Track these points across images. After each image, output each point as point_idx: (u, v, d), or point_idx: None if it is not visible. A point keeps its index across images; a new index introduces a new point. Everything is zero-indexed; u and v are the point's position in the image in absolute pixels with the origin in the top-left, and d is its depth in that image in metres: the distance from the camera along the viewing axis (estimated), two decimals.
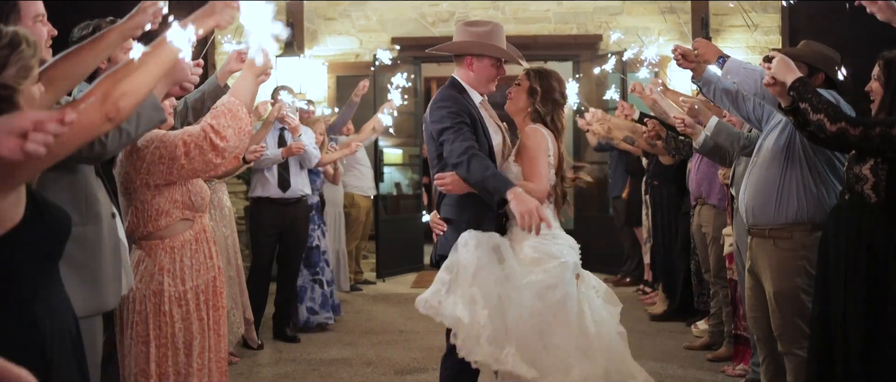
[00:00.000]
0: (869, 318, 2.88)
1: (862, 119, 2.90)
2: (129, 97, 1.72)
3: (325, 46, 8.64)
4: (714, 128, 4.16)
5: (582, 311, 3.14)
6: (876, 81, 3.02)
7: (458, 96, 3.32)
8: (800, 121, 2.96)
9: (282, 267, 5.75)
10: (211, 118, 2.66)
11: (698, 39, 3.67)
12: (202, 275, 2.90)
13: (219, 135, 2.64)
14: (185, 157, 2.66)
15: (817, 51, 3.64)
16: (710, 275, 5.19)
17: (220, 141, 2.64)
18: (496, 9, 8.65)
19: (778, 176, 3.39)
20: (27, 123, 1.39)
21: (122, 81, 1.71)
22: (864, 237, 2.91)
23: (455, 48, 3.46)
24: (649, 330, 5.97)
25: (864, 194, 2.93)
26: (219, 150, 2.65)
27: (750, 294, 3.70)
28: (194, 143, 2.65)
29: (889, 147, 2.82)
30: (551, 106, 3.34)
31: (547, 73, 3.39)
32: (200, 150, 2.65)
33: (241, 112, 2.69)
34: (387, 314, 6.67)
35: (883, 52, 3.02)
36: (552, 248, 3.16)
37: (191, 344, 2.83)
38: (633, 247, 7.80)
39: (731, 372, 4.75)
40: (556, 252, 3.15)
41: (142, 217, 2.81)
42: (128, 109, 1.73)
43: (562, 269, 3.11)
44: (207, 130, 2.64)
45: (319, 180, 6.19)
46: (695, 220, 5.24)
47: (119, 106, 1.69)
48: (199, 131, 2.65)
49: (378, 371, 5.00)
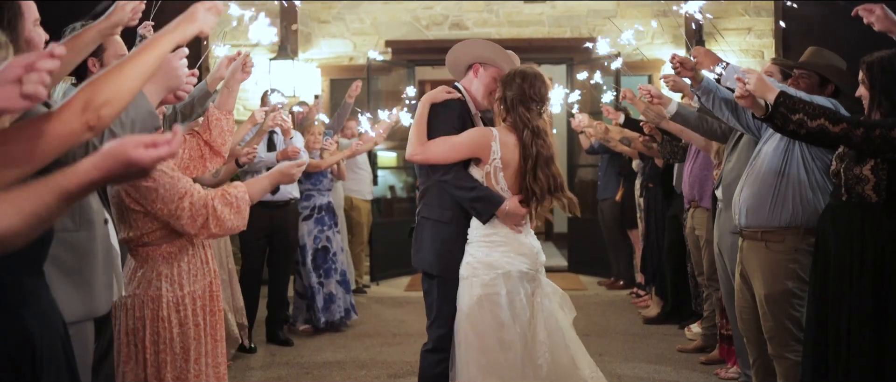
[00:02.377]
0: (878, 317, 2.89)
1: (863, 120, 2.92)
2: (111, 106, 1.69)
3: (319, 49, 8.63)
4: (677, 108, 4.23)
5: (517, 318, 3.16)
6: (862, 85, 3.05)
7: (450, 104, 3.35)
8: (778, 125, 3.00)
9: (272, 270, 5.74)
10: (220, 202, 2.73)
11: (697, 47, 3.68)
12: (199, 280, 2.90)
13: (217, 221, 2.72)
14: (180, 211, 2.68)
15: (827, 60, 3.65)
16: (703, 278, 5.20)
17: (215, 227, 2.73)
18: (490, 12, 8.65)
19: (775, 180, 3.40)
20: (18, 69, 1.38)
21: (103, 88, 1.69)
22: (867, 237, 2.93)
23: (468, 51, 3.47)
24: (643, 333, 5.98)
25: (865, 195, 2.96)
26: (210, 232, 2.74)
27: (739, 297, 3.71)
28: (194, 211, 2.68)
29: (890, 147, 2.85)
30: (510, 106, 3.25)
31: (511, 73, 3.30)
32: (194, 220, 2.69)
33: (246, 210, 2.82)
34: (380, 317, 6.66)
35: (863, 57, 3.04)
36: (490, 257, 3.18)
37: (188, 350, 2.82)
38: (622, 250, 7.79)
39: (724, 375, 4.76)
40: (493, 262, 3.17)
41: (135, 232, 2.80)
42: (109, 117, 1.70)
43: (501, 279, 3.15)
44: (210, 210, 2.70)
45: (327, 179, 6.16)
46: (688, 223, 5.24)
47: (100, 114, 1.66)
48: (202, 205, 2.69)
49: (371, 373, 4.99)
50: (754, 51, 8.46)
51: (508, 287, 3.14)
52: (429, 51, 8.66)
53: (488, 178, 3.20)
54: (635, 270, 7.56)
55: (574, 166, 9.03)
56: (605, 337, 5.87)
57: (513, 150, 3.21)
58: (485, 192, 3.18)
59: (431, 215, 3.36)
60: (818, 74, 3.62)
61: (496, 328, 3.12)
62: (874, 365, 2.90)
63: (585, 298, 7.46)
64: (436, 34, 8.64)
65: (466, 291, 3.16)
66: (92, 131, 1.66)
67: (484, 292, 3.13)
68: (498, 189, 3.20)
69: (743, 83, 3.04)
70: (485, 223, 3.19)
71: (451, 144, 3.22)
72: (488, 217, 3.18)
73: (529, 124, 3.21)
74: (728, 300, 4.25)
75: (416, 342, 5.68)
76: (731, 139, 4.11)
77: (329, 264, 6.00)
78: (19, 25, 2.09)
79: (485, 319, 3.12)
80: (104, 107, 1.67)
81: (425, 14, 8.68)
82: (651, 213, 6.41)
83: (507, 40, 8.44)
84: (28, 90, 1.39)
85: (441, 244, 3.32)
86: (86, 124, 1.64)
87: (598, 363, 5.13)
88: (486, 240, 3.19)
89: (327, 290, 5.98)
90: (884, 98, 2.96)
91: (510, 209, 3.17)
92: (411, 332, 5.94)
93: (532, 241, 3.28)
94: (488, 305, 3.12)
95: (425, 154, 3.24)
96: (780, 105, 2.95)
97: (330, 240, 6.01)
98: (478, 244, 3.21)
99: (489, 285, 3.13)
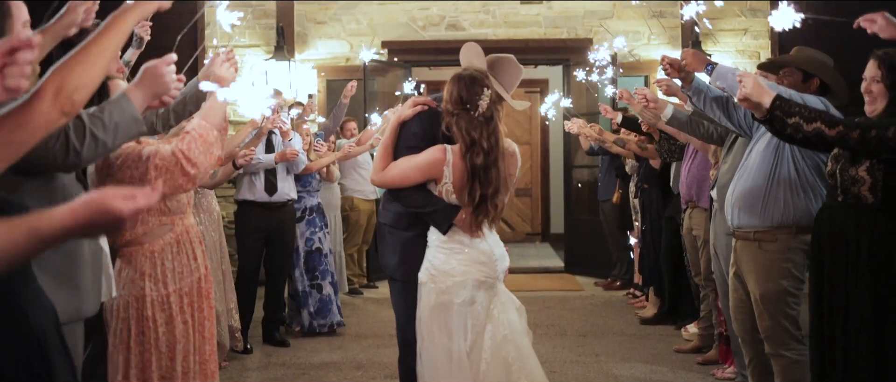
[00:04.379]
0: (877, 317, 2.90)
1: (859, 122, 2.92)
2: (82, 90, 1.70)
3: (316, 50, 8.63)
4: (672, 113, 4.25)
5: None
6: (877, 82, 2.97)
7: (426, 115, 3.29)
8: (776, 128, 2.99)
9: (269, 271, 5.73)
10: (182, 143, 2.64)
11: (686, 49, 3.69)
12: (186, 278, 2.89)
13: (189, 161, 2.63)
14: (154, 180, 2.63)
15: (811, 56, 3.66)
16: (700, 278, 5.20)
17: (190, 168, 2.63)
18: (487, 12, 8.65)
19: (766, 180, 3.41)
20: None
21: (72, 74, 1.69)
22: (863, 238, 2.94)
23: (462, 56, 3.36)
24: (639, 334, 5.98)
25: (861, 196, 2.96)
26: (189, 176, 2.65)
27: (734, 297, 3.71)
28: (165, 167, 2.62)
29: (885, 148, 2.84)
30: (449, 117, 3.12)
31: (451, 78, 3.15)
32: (170, 175, 2.63)
33: (212, 136, 2.69)
34: (377, 318, 6.65)
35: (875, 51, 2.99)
36: (447, 265, 3.11)
37: (174, 348, 2.82)
38: (622, 251, 7.81)
39: (721, 375, 4.77)
40: (450, 270, 3.10)
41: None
42: (82, 101, 1.71)
43: (456, 287, 3.08)
44: (178, 155, 2.62)
45: (315, 181, 6.16)
46: (686, 223, 5.25)
47: (73, 99, 1.67)
48: (169, 155, 2.63)
49: (368, 374, 4.99)
50: (750, 52, 8.47)
51: (463, 296, 3.06)
52: (425, 51, 8.66)
53: (441, 194, 3.12)
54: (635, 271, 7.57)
55: (571, 168, 9.04)
56: (601, 338, 5.87)
57: (461, 172, 3.10)
58: (440, 204, 3.12)
59: (388, 221, 3.34)
60: (801, 71, 3.63)
61: (446, 337, 3.07)
62: (876, 367, 2.90)
63: (582, 299, 7.47)
64: (432, 35, 8.64)
65: (424, 297, 3.12)
66: (67, 117, 1.68)
67: (438, 300, 3.08)
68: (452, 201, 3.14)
69: (744, 86, 3.04)
70: (444, 234, 3.13)
71: (405, 170, 3.14)
72: (447, 228, 3.12)
73: (466, 136, 3.07)
74: (725, 300, 4.25)
75: None
76: (728, 141, 4.12)
77: (324, 266, 6.00)
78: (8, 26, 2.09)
79: (436, 326, 3.08)
80: (76, 92, 1.69)
81: (422, 15, 8.68)
82: (646, 214, 6.42)
83: (504, 41, 8.46)
84: (10, 84, 1.40)
85: (402, 248, 3.28)
86: (60, 111, 1.65)
87: (595, 363, 5.18)
88: (445, 247, 3.12)
89: (325, 292, 5.96)
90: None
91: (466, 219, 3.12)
92: None
93: (493, 247, 3.16)
94: (441, 313, 3.07)
95: (382, 179, 3.20)
96: (777, 109, 2.95)
97: (322, 242, 6.00)
98: (436, 250, 3.15)
99: (444, 293, 3.07)
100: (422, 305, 3.13)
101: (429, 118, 3.24)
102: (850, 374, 2.95)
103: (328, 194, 6.79)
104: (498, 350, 3.05)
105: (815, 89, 3.59)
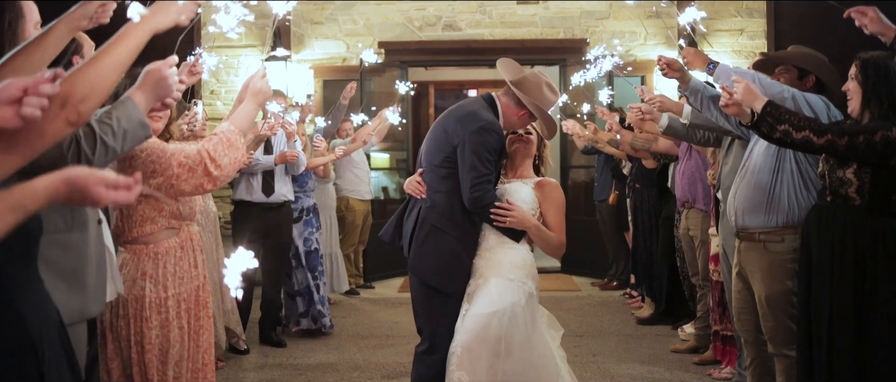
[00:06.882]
0: (858, 318, 2.92)
1: (847, 127, 2.94)
2: (89, 101, 1.70)
3: (312, 50, 8.62)
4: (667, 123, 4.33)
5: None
6: (853, 80, 3.07)
7: (501, 130, 3.33)
8: (764, 133, 3.03)
9: (266, 272, 5.72)
10: (209, 144, 2.65)
11: (686, 48, 3.67)
12: (185, 283, 2.88)
13: (215, 162, 2.63)
14: (177, 177, 2.64)
15: (807, 53, 3.67)
16: (697, 278, 5.21)
17: (214, 169, 2.64)
18: (483, 13, 8.66)
19: (768, 181, 3.41)
20: (16, 91, 1.41)
21: (81, 84, 1.69)
22: (849, 239, 2.96)
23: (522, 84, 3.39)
24: (636, 334, 5.99)
25: (849, 197, 2.98)
26: (212, 177, 2.65)
27: (737, 297, 3.71)
28: (189, 165, 2.63)
29: (873, 154, 2.88)
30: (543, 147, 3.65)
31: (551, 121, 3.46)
32: (194, 174, 2.63)
33: (239, 142, 2.70)
34: (374, 318, 6.65)
35: (859, 53, 3.06)
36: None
37: (167, 352, 2.80)
38: (619, 251, 7.81)
39: (718, 375, 4.77)
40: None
41: (127, 222, 2.79)
42: (89, 112, 1.72)
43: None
44: (204, 155, 2.62)
45: (311, 181, 6.15)
46: (682, 224, 5.25)
47: (80, 110, 1.67)
48: (195, 155, 2.63)
49: (365, 375, 4.99)
50: (747, 52, 8.48)
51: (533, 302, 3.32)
52: (422, 52, 8.66)
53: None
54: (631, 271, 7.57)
55: (567, 168, 9.04)
56: (598, 338, 5.88)
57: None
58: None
59: (439, 224, 3.28)
60: (797, 68, 3.64)
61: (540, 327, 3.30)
62: (855, 364, 2.92)
63: (579, 299, 7.47)
64: (429, 35, 8.64)
65: (519, 291, 3.25)
66: (72, 127, 1.68)
67: (533, 292, 3.31)
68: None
69: (729, 93, 3.07)
70: (517, 242, 3.32)
71: (562, 223, 3.42)
72: (521, 237, 3.33)
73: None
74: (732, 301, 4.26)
75: (410, 343, 5.66)
76: (725, 142, 4.12)
77: (322, 266, 6.00)
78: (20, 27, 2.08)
79: (532, 316, 3.27)
80: (83, 103, 1.68)
81: (418, 15, 8.68)
82: (639, 214, 6.42)
83: (500, 42, 8.47)
84: (27, 113, 1.42)
85: (446, 256, 3.27)
86: (66, 121, 1.66)
87: (592, 363, 5.18)
88: (522, 246, 3.37)
89: (322, 293, 5.96)
90: (874, 99, 2.98)
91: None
92: (405, 333, 5.92)
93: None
94: (533, 303, 3.30)
95: (562, 242, 3.42)
96: (767, 115, 2.98)
97: (318, 242, 6.00)
98: (520, 247, 3.35)
99: (533, 294, 3.31)
100: (518, 299, 3.23)
101: (498, 131, 3.32)
102: (834, 372, 2.96)
103: (323, 194, 6.78)
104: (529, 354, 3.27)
105: (810, 87, 3.60)
